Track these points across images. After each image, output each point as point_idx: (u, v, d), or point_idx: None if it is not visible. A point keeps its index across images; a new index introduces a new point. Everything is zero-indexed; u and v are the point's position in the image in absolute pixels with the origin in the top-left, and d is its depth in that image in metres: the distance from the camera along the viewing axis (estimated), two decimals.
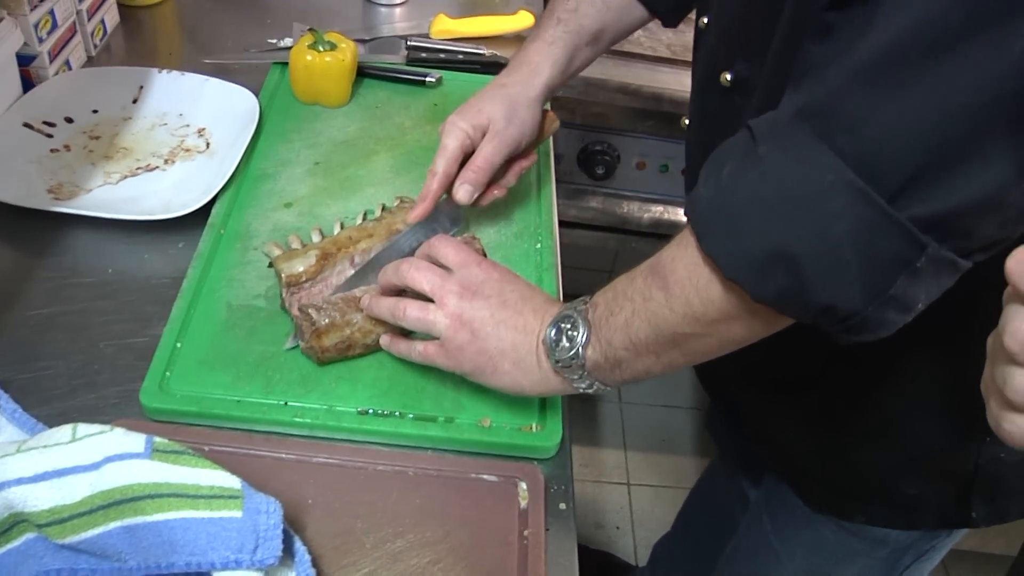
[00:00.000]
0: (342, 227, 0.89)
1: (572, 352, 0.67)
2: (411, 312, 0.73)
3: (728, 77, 0.78)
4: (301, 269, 0.81)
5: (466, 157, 0.89)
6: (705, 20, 0.84)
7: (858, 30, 0.52)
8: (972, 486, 0.82)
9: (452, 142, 0.88)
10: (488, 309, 0.71)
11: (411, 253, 0.84)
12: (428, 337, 0.74)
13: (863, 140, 0.51)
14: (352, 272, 0.83)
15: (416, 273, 0.74)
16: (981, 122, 0.49)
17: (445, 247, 0.76)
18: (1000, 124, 0.48)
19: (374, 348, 0.80)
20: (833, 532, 0.92)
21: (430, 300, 0.73)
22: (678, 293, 0.61)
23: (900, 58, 0.49)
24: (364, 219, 0.90)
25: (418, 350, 0.74)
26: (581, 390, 0.71)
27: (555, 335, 0.68)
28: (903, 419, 0.81)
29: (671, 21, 0.97)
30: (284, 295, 0.81)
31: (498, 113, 0.89)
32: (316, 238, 0.87)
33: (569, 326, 0.68)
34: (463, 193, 0.88)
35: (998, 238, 0.54)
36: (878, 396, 0.81)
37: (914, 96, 0.49)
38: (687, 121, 0.91)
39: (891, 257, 0.53)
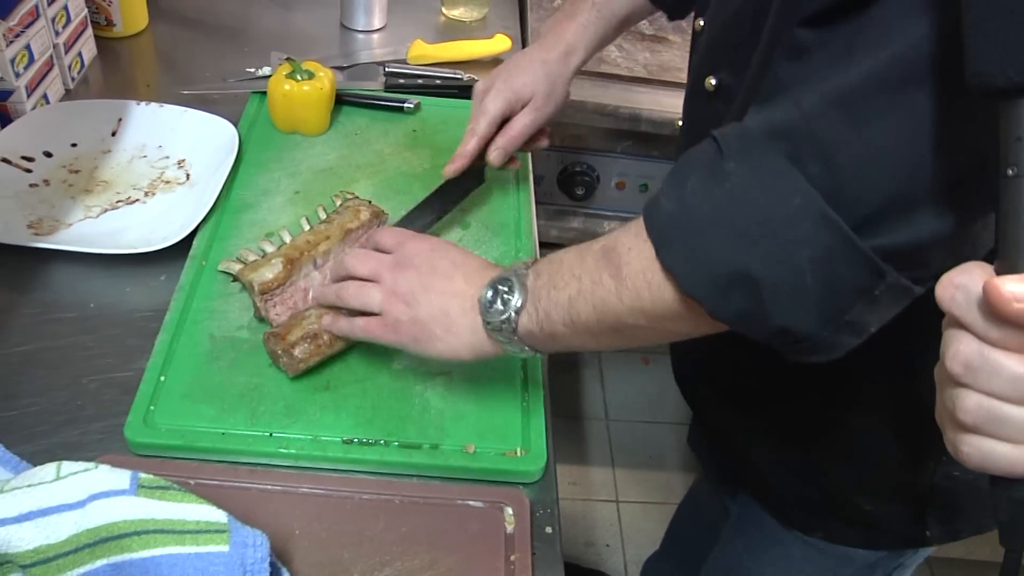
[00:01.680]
0: (309, 223, 0.93)
1: (504, 316, 0.67)
2: (350, 290, 0.76)
3: (712, 82, 0.79)
4: (271, 276, 0.83)
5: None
6: (701, 23, 0.85)
7: (834, 56, 0.52)
8: (928, 504, 0.83)
9: (495, 107, 0.97)
10: (418, 278, 0.72)
11: (437, 205, 0.97)
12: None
13: (835, 168, 0.51)
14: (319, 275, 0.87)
15: (355, 261, 0.77)
16: (948, 159, 0.49)
17: (383, 234, 0.79)
18: (965, 162, 0.49)
19: (349, 344, 0.81)
20: (801, 550, 0.93)
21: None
22: (630, 286, 0.61)
23: (877, 90, 0.49)
24: (308, 224, 0.93)
25: (359, 325, 0.76)
26: (513, 354, 0.71)
27: (491, 296, 0.68)
28: (862, 436, 0.82)
29: (676, 14, 1.01)
30: (258, 303, 0.82)
31: (541, 90, 0.97)
32: (287, 238, 0.90)
33: (506, 289, 0.68)
34: (496, 156, 0.97)
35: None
36: (838, 413, 0.82)
37: (888, 129, 0.49)
38: (680, 123, 0.92)
39: (851, 284, 0.53)
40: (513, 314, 0.66)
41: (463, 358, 0.72)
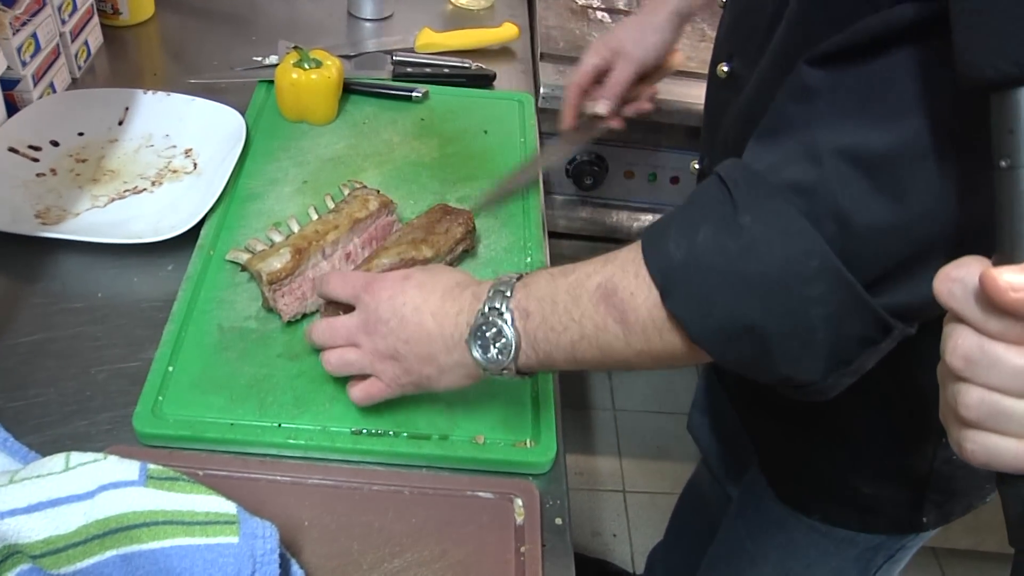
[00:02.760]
0: (317, 213, 0.92)
1: (506, 364, 0.65)
2: (332, 362, 0.74)
3: (724, 69, 0.79)
4: (279, 266, 0.82)
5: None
6: (722, 2, 0.85)
7: (845, 106, 0.51)
8: (927, 488, 0.83)
9: (589, 60, 1.04)
10: (393, 334, 0.70)
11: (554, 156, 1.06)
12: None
13: (853, 231, 0.50)
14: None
15: (326, 336, 0.75)
16: (967, 224, 0.49)
17: (332, 286, 0.76)
18: (984, 221, 0.49)
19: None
20: (804, 534, 0.93)
21: None
22: (639, 332, 0.59)
23: (901, 159, 0.49)
24: (317, 214, 0.93)
25: (361, 396, 0.75)
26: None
27: (481, 344, 0.65)
28: (861, 420, 0.82)
29: None
30: (267, 293, 0.82)
31: (628, 37, 1.02)
32: (295, 227, 0.89)
33: (495, 333, 0.64)
34: (601, 106, 1.03)
35: None
36: (840, 394, 0.81)
37: (908, 197, 0.49)
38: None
39: (859, 339, 0.54)
40: (512, 356, 0.64)
41: (465, 386, 0.72)
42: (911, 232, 0.50)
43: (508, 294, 0.65)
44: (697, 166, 0.94)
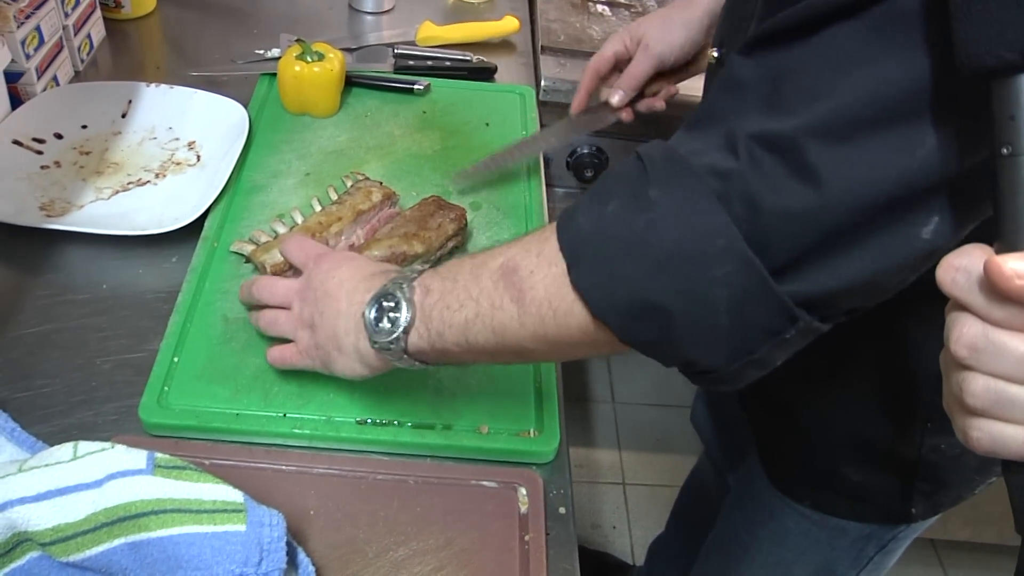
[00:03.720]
0: (320, 204, 0.93)
1: (392, 336, 0.64)
2: (262, 321, 0.78)
3: (714, 55, 0.80)
4: (283, 258, 0.83)
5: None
6: None
7: (765, 94, 0.51)
8: (915, 477, 0.83)
9: (609, 47, 1.03)
10: (316, 303, 0.72)
11: (555, 138, 1.06)
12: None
13: (762, 214, 0.49)
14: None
15: (264, 292, 0.78)
16: (871, 214, 0.48)
17: (289, 248, 0.80)
18: (887, 218, 0.48)
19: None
20: (796, 523, 0.93)
21: None
22: (533, 312, 0.58)
23: (810, 144, 0.48)
24: (320, 206, 0.94)
25: (276, 356, 0.77)
26: (400, 367, 0.69)
27: (375, 314, 0.65)
28: (846, 406, 0.82)
29: None
30: None
31: (652, 30, 1.01)
32: (299, 219, 0.91)
33: (392, 305, 0.64)
34: (616, 98, 1.03)
35: (863, 307, 0.54)
36: (821, 382, 0.82)
37: (819, 183, 0.48)
38: None
39: (763, 326, 0.52)
40: (401, 333, 0.64)
41: (361, 375, 0.71)
42: (820, 218, 0.49)
43: (418, 272, 0.66)
44: None
